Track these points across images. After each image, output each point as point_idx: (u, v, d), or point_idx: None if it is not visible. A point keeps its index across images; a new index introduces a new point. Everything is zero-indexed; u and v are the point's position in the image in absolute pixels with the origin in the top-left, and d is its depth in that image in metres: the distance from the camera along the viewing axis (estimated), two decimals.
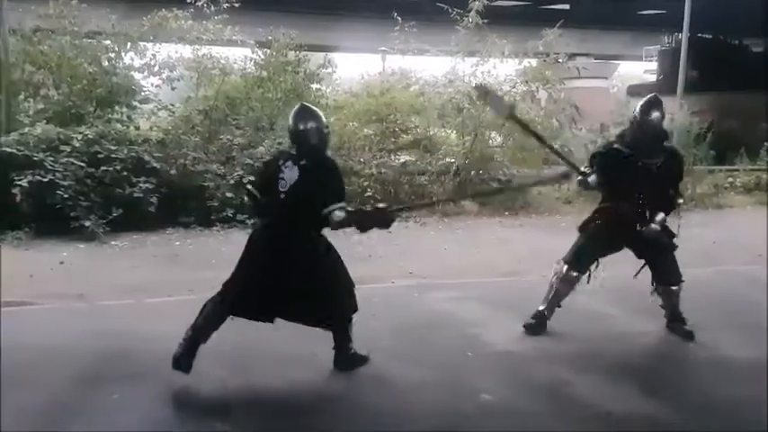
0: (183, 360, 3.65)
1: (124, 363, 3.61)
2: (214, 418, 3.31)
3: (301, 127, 3.88)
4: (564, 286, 4.62)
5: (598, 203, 4.70)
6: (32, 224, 7.77)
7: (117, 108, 10.32)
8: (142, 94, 10.94)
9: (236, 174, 9.33)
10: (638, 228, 4.33)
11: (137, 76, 10.94)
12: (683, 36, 15.86)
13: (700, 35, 21.17)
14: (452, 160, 11.36)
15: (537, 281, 6.34)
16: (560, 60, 11.84)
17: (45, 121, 9.20)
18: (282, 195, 3.75)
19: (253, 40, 11.76)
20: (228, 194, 9.08)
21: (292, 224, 3.71)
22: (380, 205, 4.11)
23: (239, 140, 10.06)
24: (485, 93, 4.75)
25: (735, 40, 24.14)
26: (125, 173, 8.56)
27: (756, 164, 13.87)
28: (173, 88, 11.21)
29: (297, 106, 4.12)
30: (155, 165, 8.95)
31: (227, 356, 4.05)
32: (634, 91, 24.80)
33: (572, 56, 12.88)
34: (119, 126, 9.78)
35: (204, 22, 10.96)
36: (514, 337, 4.54)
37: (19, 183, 7.80)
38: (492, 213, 10.52)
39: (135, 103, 10.78)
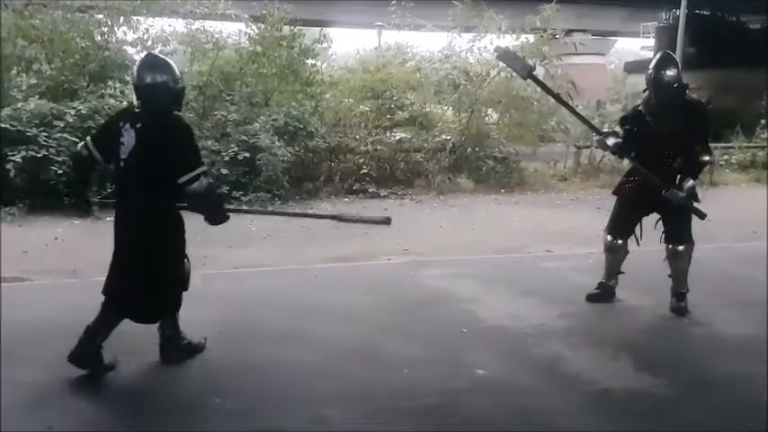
0: (81, 357, 3.34)
1: (116, 339, 3.60)
2: (209, 393, 3.31)
3: (147, 80, 3.33)
4: (612, 255, 4.66)
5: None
6: (26, 200, 7.74)
7: (110, 83, 10.21)
8: None
9: (230, 150, 9.30)
10: (662, 191, 4.26)
11: (130, 50, 10.82)
12: (681, 12, 15.78)
13: (697, 11, 21.03)
14: (448, 137, 11.33)
15: (531, 257, 6.42)
16: (557, 36, 11.77)
17: (38, 96, 9.11)
18: (122, 163, 3.30)
19: (247, 14, 11.64)
20: (224, 171, 9.05)
21: (135, 196, 3.30)
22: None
23: (234, 116, 10.00)
24: (505, 53, 4.67)
25: (732, 17, 23.99)
26: None
27: (752, 141, 13.87)
28: None
29: (143, 56, 3.61)
30: None
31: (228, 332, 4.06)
32: (631, 68, 24.74)
33: (569, 32, 12.83)
34: (112, 101, 9.66)
35: None
36: (509, 313, 4.56)
37: (12, 158, 7.76)
38: (487, 191, 10.53)
39: (128, 78, 10.64)
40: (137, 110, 3.39)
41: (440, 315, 4.53)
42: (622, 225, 4.61)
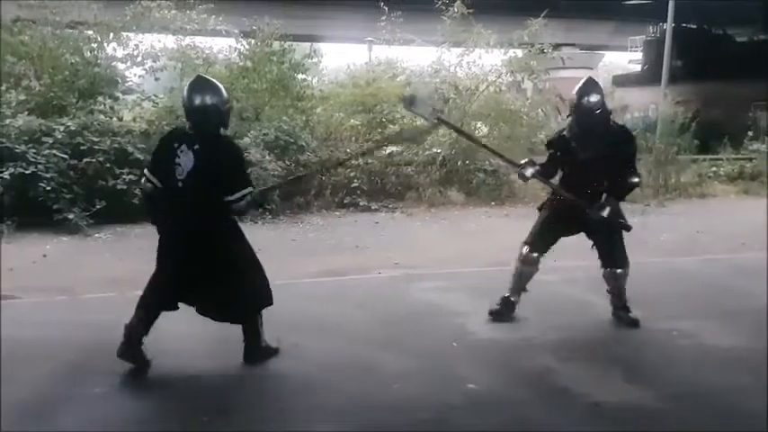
0: (128, 353, 3.57)
1: (106, 356, 3.57)
2: (200, 412, 3.28)
3: (197, 103, 3.50)
4: (526, 268, 4.62)
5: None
6: (14, 217, 7.68)
7: (100, 99, 10.18)
8: (125, 85, 10.82)
9: None
10: (587, 210, 4.36)
11: (120, 66, 10.83)
12: (668, 26, 15.96)
13: (684, 25, 21.30)
14: (439, 150, 11.37)
15: None
16: (545, 50, 11.87)
17: (27, 112, 9.07)
18: (180, 184, 3.45)
19: (237, 29, 11.69)
20: None
21: (192, 214, 3.46)
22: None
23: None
24: (410, 101, 4.72)
25: (719, 30, 24.30)
26: (108, 165, 8.48)
27: (740, 153, 14.00)
28: (156, 79, 11.11)
29: (193, 78, 3.77)
30: (138, 156, 8.84)
31: (212, 345, 4.03)
32: (619, 81, 24.96)
33: (557, 46, 12.91)
34: (102, 117, 9.66)
35: (188, 11, 10.87)
36: (500, 326, 4.55)
37: (0, 175, 7.70)
38: (478, 204, 10.56)
39: (118, 95, 10.64)
40: (189, 132, 3.54)
41: (431, 328, 4.51)
42: (542, 240, 4.61)
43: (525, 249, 4.62)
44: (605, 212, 4.32)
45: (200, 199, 3.44)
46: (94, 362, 3.72)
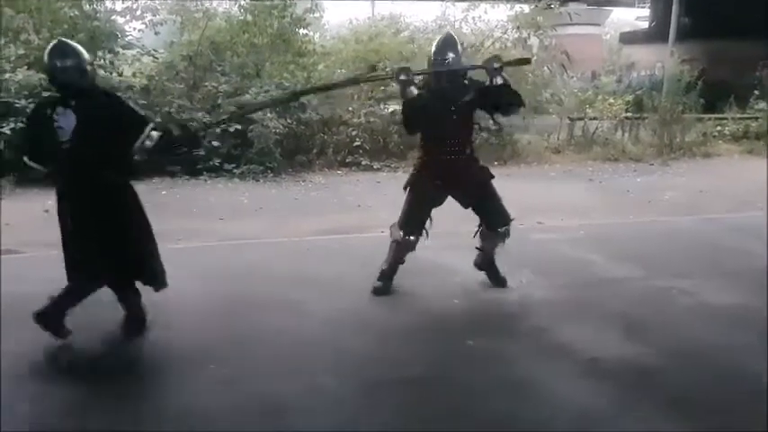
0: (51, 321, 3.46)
1: (104, 309, 3.62)
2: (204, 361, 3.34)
3: (59, 65, 3.44)
4: (399, 250, 4.36)
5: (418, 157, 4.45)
6: (14, 172, 7.66)
7: (100, 54, 10.04)
8: (125, 39, 10.67)
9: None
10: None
11: (119, 20, 10.67)
12: None
13: None
14: None
15: (522, 230, 6.41)
16: (552, 6, 11.64)
17: (26, 66, 8.98)
18: (66, 145, 3.36)
19: None
20: (215, 143, 8.99)
21: (84, 171, 3.38)
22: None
23: (225, 87, 9.90)
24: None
25: None
26: None
27: (746, 112, 13.85)
28: (156, 33, 10.95)
29: (52, 42, 3.69)
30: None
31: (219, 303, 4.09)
32: (627, 38, 24.52)
33: (564, 1, 12.65)
34: (102, 72, 9.53)
35: None
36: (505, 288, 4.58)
37: (1, 130, 7.66)
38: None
39: (118, 49, 10.51)
40: (59, 94, 3.50)
41: (430, 286, 4.54)
42: (414, 220, 4.31)
43: (400, 234, 4.32)
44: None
45: (92, 152, 3.36)
46: (93, 315, 3.76)
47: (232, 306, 4.13)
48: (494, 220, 4.33)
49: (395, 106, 11.41)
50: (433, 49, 4.26)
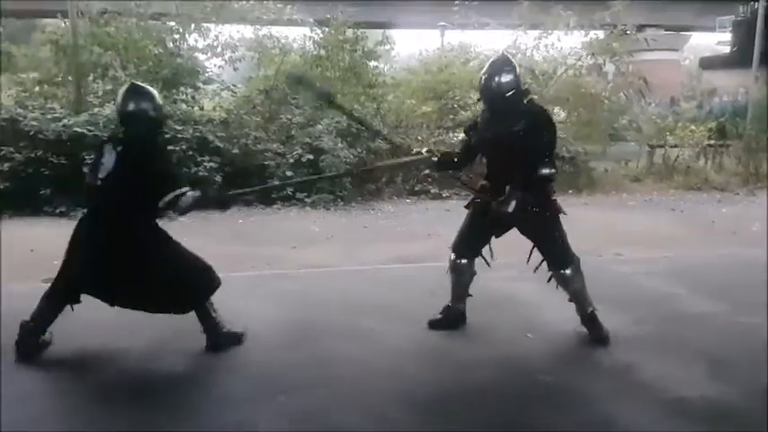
0: (27, 345, 3.62)
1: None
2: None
3: (129, 108, 3.58)
4: (457, 276, 4.16)
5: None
6: None
7: (182, 89, 10.54)
8: (206, 75, 11.16)
9: (295, 152, 9.43)
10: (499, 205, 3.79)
11: (200, 57, 11.17)
12: (760, 5, 14.92)
13: None
14: None
15: (600, 262, 6.20)
16: (628, 32, 11.37)
17: (113, 102, 9.47)
18: (99, 182, 3.53)
19: (312, 18, 11.79)
20: (288, 173, 9.20)
21: (108, 212, 3.53)
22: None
23: (298, 119, 10.16)
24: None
25: None
26: (190, 152, 8.78)
27: None
28: (235, 69, 11.40)
29: (125, 85, 3.79)
30: (218, 144, 9.16)
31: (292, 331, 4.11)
32: (707, 63, 23.65)
33: (641, 27, 12.36)
34: (184, 106, 10.01)
35: (265, 1, 11.06)
36: (576, 319, 4.40)
37: (90, 162, 8.08)
38: (555, 192, 10.24)
39: (199, 84, 10.99)
40: (120, 135, 3.67)
41: (505, 318, 4.42)
42: (468, 244, 4.11)
43: (452, 256, 4.15)
44: (510, 207, 3.73)
45: (118, 198, 3.49)
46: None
47: (303, 333, 4.14)
48: (553, 260, 3.98)
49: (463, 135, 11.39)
50: (484, 69, 3.95)
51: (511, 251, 4.20)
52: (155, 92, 3.69)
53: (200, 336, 3.77)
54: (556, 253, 3.97)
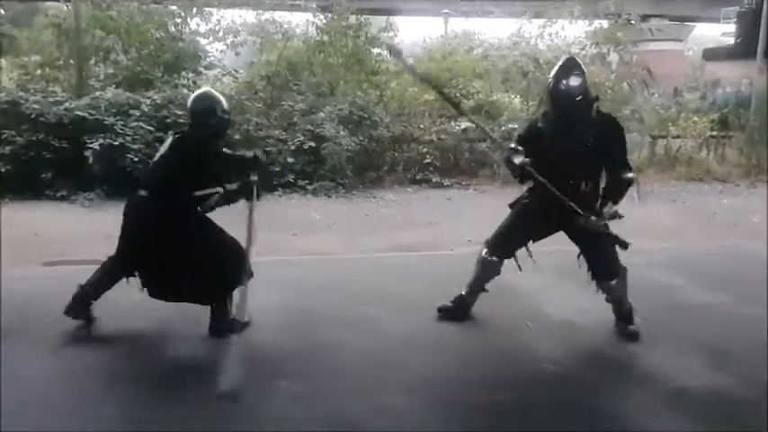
0: (74, 311, 3.81)
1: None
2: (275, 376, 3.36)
3: (195, 107, 3.80)
4: (483, 271, 4.11)
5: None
6: (104, 186, 8.05)
7: (183, 73, 10.51)
8: (207, 59, 11.12)
9: (296, 139, 9.41)
10: (576, 214, 3.69)
11: (202, 41, 11.14)
12: None
13: None
14: (516, 126, 11.07)
15: None
16: (633, 21, 11.31)
17: (115, 85, 9.47)
18: (139, 166, 3.68)
19: (314, 3, 11.73)
20: (290, 160, 9.18)
21: (153, 203, 3.66)
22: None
23: (300, 106, 10.12)
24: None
25: None
26: None
27: None
28: (237, 54, 11.36)
29: (199, 90, 4.06)
30: None
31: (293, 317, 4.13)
32: (710, 54, 23.53)
33: (645, 17, 12.29)
34: (185, 91, 9.93)
35: None
36: (578, 308, 4.41)
37: (90, 146, 8.08)
38: None
39: (200, 69, 10.96)
40: (179, 132, 3.86)
41: (505, 307, 4.43)
42: (505, 243, 4.05)
43: (485, 251, 4.10)
44: (603, 222, 3.70)
45: (162, 190, 3.63)
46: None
47: (304, 320, 4.16)
48: (600, 270, 3.91)
49: (466, 123, 11.36)
50: (554, 72, 3.89)
51: None
52: (222, 98, 3.87)
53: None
54: (605, 263, 3.90)
